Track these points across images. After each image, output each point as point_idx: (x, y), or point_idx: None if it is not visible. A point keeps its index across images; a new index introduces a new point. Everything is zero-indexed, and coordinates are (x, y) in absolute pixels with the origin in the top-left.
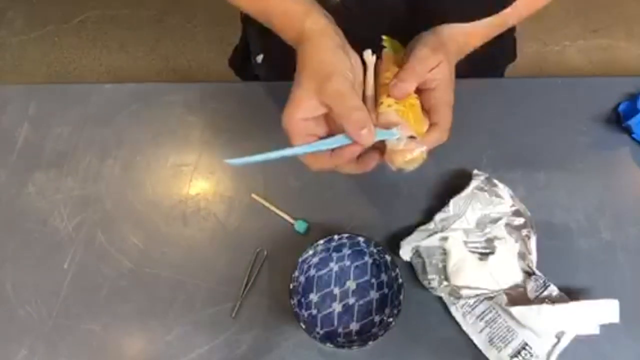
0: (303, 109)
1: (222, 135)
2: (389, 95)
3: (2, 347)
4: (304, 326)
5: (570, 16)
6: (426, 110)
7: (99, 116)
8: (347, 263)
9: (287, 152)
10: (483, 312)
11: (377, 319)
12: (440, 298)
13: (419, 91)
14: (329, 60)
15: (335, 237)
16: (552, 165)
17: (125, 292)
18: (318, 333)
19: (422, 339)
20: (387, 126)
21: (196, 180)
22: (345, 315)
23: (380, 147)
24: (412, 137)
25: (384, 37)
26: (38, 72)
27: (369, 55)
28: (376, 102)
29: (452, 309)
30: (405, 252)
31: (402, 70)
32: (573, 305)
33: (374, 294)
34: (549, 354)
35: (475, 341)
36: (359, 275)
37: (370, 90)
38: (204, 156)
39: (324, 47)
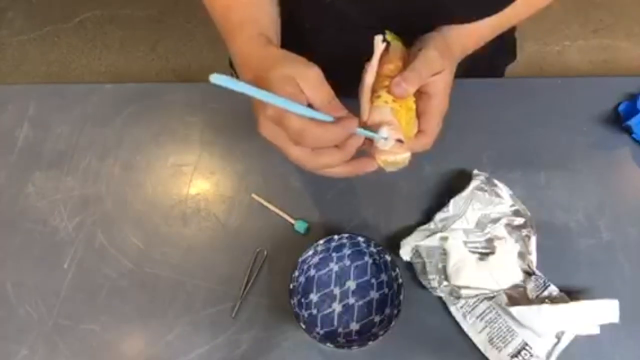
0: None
1: (222, 135)
2: (388, 91)
3: (2, 347)
4: (304, 326)
5: (570, 16)
6: (418, 115)
7: (99, 116)
8: (347, 263)
9: (271, 97)
10: (483, 312)
11: (377, 319)
12: (440, 298)
13: (415, 93)
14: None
15: (335, 237)
16: (552, 165)
17: (125, 292)
18: (318, 333)
19: (422, 339)
20: (379, 121)
21: (196, 180)
22: (345, 315)
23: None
24: (399, 141)
25: (386, 31)
26: (38, 72)
27: (379, 41)
28: (373, 91)
29: (452, 309)
30: (405, 252)
31: (409, 71)
32: (573, 305)
33: (374, 294)
34: (549, 354)
35: (475, 341)
36: (359, 275)
37: (370, 77)
38: (204, 156)
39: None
